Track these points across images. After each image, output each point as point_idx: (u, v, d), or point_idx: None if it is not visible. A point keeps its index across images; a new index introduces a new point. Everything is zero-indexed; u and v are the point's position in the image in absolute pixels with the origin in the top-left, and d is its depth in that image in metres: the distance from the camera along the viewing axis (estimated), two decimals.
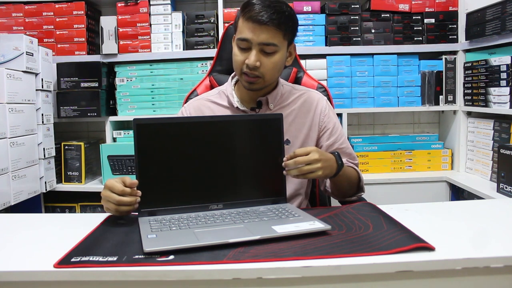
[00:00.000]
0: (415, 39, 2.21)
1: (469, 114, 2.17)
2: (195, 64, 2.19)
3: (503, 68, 1.83)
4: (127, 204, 0.94)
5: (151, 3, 2.20)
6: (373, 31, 2.20)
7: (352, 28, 2.19)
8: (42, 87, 1.96)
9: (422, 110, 2.25)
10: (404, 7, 2.20)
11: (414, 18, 2.21)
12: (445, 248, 0.76)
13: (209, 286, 0.73)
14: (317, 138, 1.26)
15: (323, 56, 2.19)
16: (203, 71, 2.18)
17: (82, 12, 2.19)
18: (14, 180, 1.74)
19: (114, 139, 2.21)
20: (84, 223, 0.95)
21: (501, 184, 1.67)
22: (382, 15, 2.20)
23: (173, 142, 1.00)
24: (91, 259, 0.74)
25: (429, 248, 0.75)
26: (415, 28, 2.21)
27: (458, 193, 2.08)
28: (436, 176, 2.16)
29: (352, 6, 2.19)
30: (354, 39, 2.19)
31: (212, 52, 1.98)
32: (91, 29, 2.27)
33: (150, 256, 0.75)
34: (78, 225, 0.95)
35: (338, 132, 1.26)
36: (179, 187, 1.00)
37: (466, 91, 2.14)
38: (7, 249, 0.83)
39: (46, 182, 2.00)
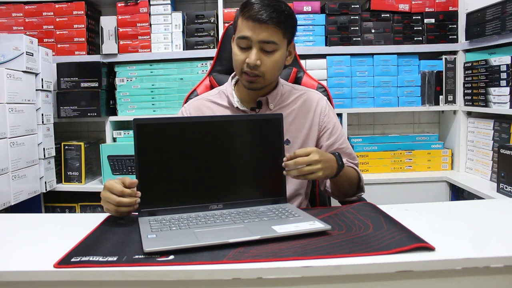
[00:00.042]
0: (415, 39, 2.20)
1: (469, 114, 2.17)
2: (195, 64, 2.19)
3: (503, 68, 1.83)
4: (127, 205, 0.94)
5: (151, 3, 2.20)
6: (373, 31, 2.19)
7: (352, 28, 2.19)
8: (42, 87, 1.96)
9: (422, 110, 2.25)
10: (404, 7, 2.20)
11: (414, 18, 2.20)
12: (445, 248, 0.76)
13: (209, 286, 0.73)
14: (317, 138, 1.26)
15: (323, 56, 2.19)
16: (203, 71, 2.18)
17: (82, 12, 2.19)
18: (14, 180, 1.74)
19: (114, 139, 2.21)
20: (84, 223, 0.95)
21: (501, 184, 1.67)
22: (382, 15, 2.20)
23: (173, 142, 1.00)
24: (91, 259, 0.74)
25: (429, 248, 0.75)
26: (415, 28, 2.20)
27: (458, 193, 2.08)
28: (436, 176, 2.15)
29: (352, 6, 2.19)
30: (354, 39, 2.19)
31: (212, 52, 1.98)
32: (91, 29, 2.27)
33: (150, 256, 0.75)
34: (78, 225, 0.95)
35: (338, 132, 1.26)
36: (179, 187, 1.00)
37: (466, 91, 2.14)
38: (7, 249, 0.83)
39: (46, 182, 2.00)
